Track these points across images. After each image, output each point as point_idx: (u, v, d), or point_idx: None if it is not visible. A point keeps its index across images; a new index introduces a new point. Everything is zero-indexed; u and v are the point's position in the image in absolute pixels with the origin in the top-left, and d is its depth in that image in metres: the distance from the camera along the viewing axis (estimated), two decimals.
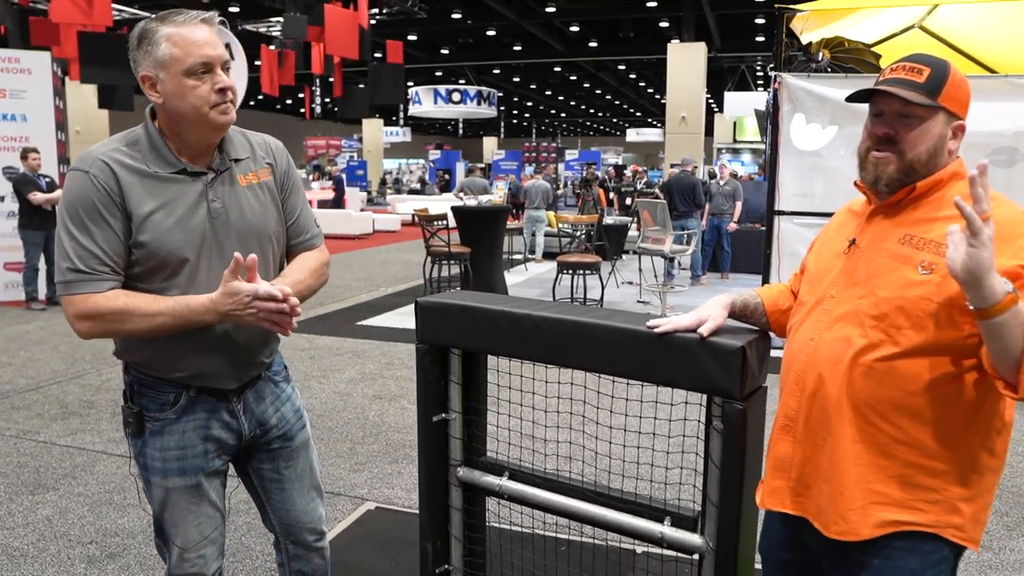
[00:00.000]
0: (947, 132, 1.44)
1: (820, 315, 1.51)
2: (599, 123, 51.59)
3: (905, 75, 1.43)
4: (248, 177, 1.82)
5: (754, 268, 11.11)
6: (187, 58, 1.63)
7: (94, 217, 1.64)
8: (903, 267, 1.41)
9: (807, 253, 1.76)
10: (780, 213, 6.30)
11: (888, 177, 1.45)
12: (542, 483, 2.19)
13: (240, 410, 1.88)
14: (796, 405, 1.52)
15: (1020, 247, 1.34)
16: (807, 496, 1.51)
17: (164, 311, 1.65)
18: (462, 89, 22.81)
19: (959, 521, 1.42)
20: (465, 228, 7.58)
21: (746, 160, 26.01)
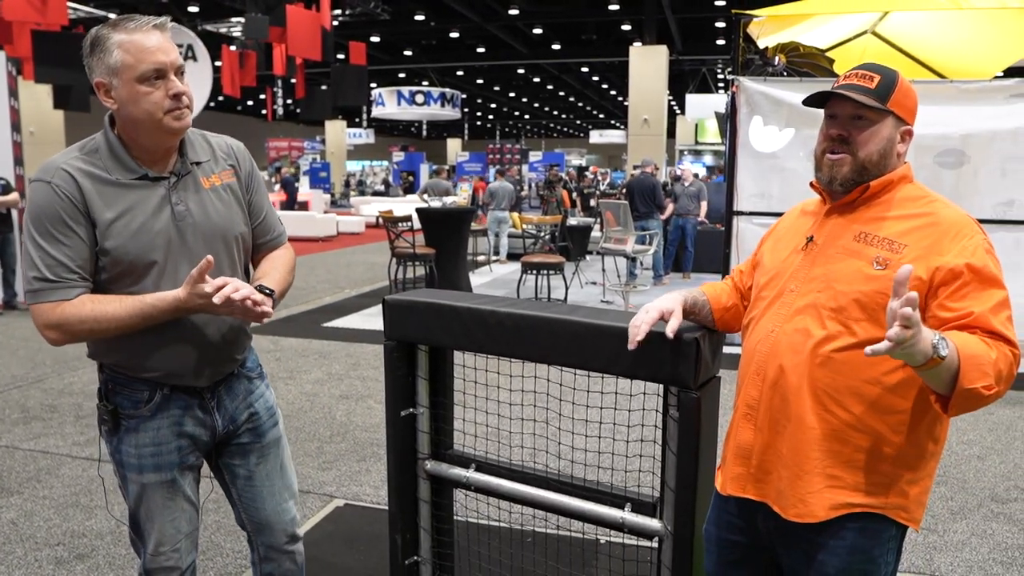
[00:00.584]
0: (896, 136, 1.55)
1: (780, 308, 1.60)
2: (562, 125, 51.87)
3: (857, 81, 1.54)
4: (211, 179, 1.84)
5: (715, 268, 11.30)
6: (139, 65, 1.64)
7: (59, 227, 1.65)
8: (859, 262, 1.50)
9: (757, 251, 1.85)
10: (739, 213, 6.45)
11: (843, 177, 1.55)
12: (507, 474, 2.26)
13: (214, 406, 1.91)
14: (757, 394, 1.60)
15: (965, 246, 1.44)
16: (767, 481, 1.60)
17: (132, 312, 1.67)
18: (425, 91, 22.82)
19: (904, 503, 1.52)
20: (430, 230, 7.63)
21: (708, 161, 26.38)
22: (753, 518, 1.67)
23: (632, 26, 21.15)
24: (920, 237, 1.47)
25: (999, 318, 1.40)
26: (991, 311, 1.40)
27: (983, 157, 5.94)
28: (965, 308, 1.41)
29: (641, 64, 19.07)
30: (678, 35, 20.86)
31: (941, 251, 1.44)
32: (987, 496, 3.61)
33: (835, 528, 1.52)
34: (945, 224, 1.48)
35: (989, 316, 1.39)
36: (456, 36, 22.43)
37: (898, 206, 1.54)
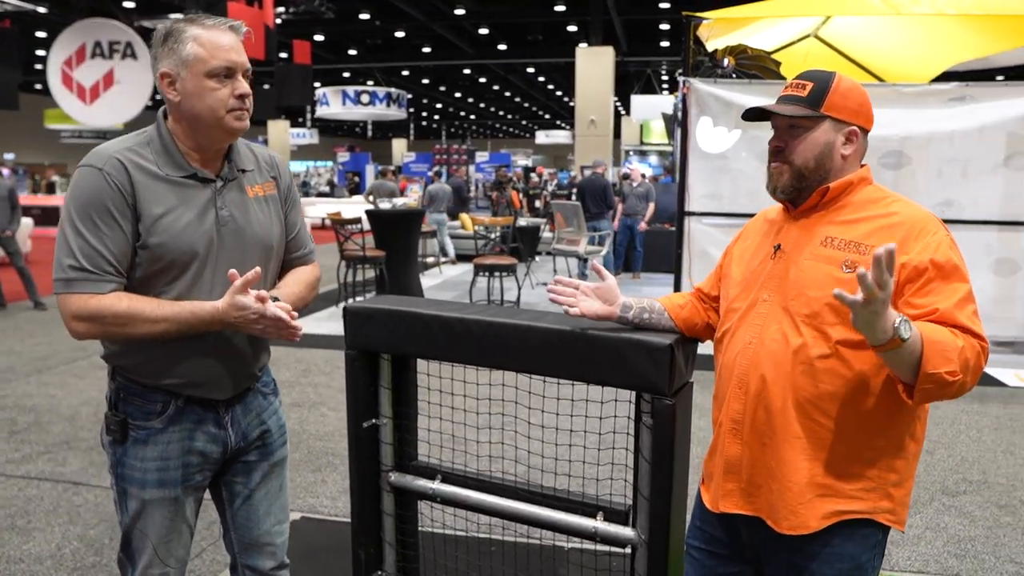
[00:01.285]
0: (836, 138, 1.55)
1: (755, 318, 1.58)
2: (509, 125, 51.92)
3: (791, 91, 1.58)
4: (255, 189, 1.83)
5: (665, 267, 11.43)
6: (212, 60, 1.64)
7: (104, 216, 1.61)
8: (828, 267, 1.50)
9: (721, 262, 1.83)
10: (690, 214, 6.50)
11: (783, 185, 1.57)
12: (475, 485, 2.21)
13: (228, 422, 1.85)
14: (741, 407, 1.58)
15: (928, 243, 1.45)
16: (758, 495, 1.58)
17: (168, 317, 1.64)
18: (371, 90, 22.54)
19: (890, 505, 1.52)
20: (380, 232, 7.51)
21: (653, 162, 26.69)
22: (737, 531, 1.65)
23: (578, 27, 21.26)
24: (885, 237, 1.47)
25: (965, 312, 1.41)
26: (956, 306, 1.40)
27: (921, 158, 6.11)
28: (930, 304, 1.41)
29: (587, 65, 19.18)
30: (623, 36, 21.05)
31: (906, 249, 1.45)
32: (938, 490, 3.70)
33: (824, 536, 1.51)
34: (908, 223, 1.49)
35: (954, 311, 1.40)
36: (402, 35, 22.23)
37: (860, 208, 1.55)
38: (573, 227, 7.82)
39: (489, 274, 7.24)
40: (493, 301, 7.67)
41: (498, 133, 54.72)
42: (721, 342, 1.69)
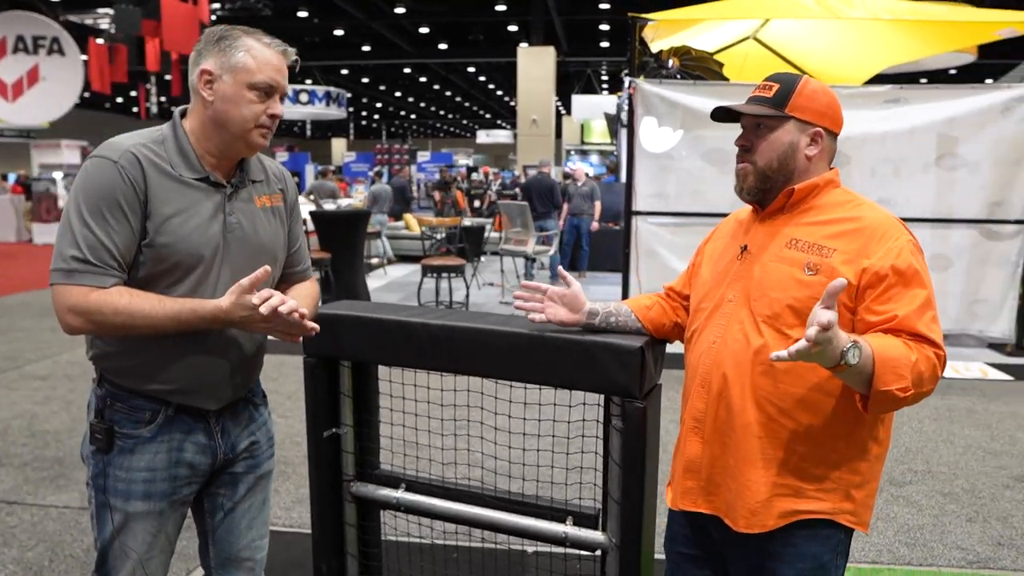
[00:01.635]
0: (800, 139, 1.55)
1: (720, 318, 1.59)
2: (449, 125, 51.74)
3: (758, 92, 1.59)
4: (263, 199, 1.80)
5: (610, 266, 11.54)
6: (258, 73, 1.65)
7: (114, 210, 1.57)
8: (791, 269, 1.50)
9: (693, 262, 1.84)
10: (637, 213, 6.56)
11: (748, 186, 1.58)
12: (441, 493, 2.17)
13: (218, 432, 1.79)
14: (703, 406, 1.58)
15: (890, 248, 1.46)
16: (717, 494, 1.58)
17: (170, 315, 1.60)
18: (310, 89, 22.15)
19: (851, 507, 1.53)
20: (325, 233, 7.38)
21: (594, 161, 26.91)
22: (706, 529, 1.65)
23: (519, 27, 21.31)
24: (848, 240, 1.49)
25: (923, 320, 1.42)
26: (915, 313, 1.42)
27: (857, 158, 6.29)
28: (890, 311, 1.42)
29: (529, 65, 19.24)
30: (564, 37, 21.17)
31: (868, 253, 1.46)
32: (886, 481, 3.80)
33: (785, 536, 1.52)
34: (871, 227, 1.50)
35: (913, 319, 1.41)
36: (341, 34, 21.94)
37: (825, 211, 1.55)
38: (519, 227, 7.81)
39: (437, 275, 7.18)
40: (442, 302, 7.61)
41: (439, 133, 54.48)
42: (690, 341, 1.69)
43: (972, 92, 6.12)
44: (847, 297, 1.45)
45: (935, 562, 3.01)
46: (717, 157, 6.34)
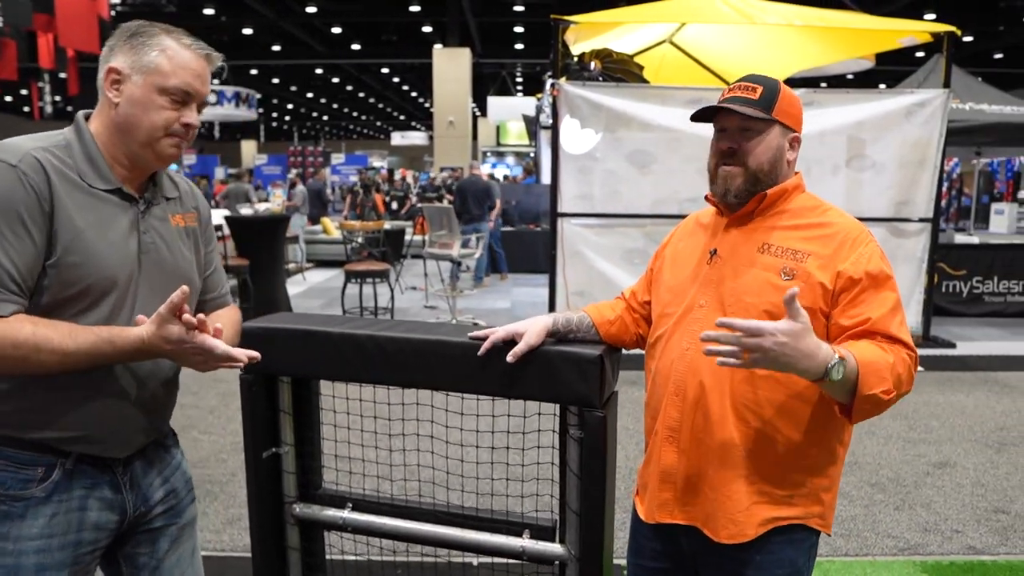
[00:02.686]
0: (784, 143, 1.56)
1: (691, 324, 1.56)
2: (363, 126, 50.97)
3: (741, 93, 1.55)
4: (176, 218, 1.60)
5: (532, 267, 11.60)
6: (171, 77, 1.47)
7: (13, 224, 1.34)
8: (766, 273, 1.50)
9: (651, 266, 1.81)
10: (562, 215, 6.57)
11: (737, 188, 1.55)
12: (391, 511, 2.08)
13: (127, 483, 1.55)
14: (678, 415, 1.55)
15: (862, 254, 1.48)
16: (694, 504, 1.56)
17: (85, 348, 1.36)
18: (218, 89, 21.36)
19: (822, 510, 1.54)
20: (242, 239, 7.11)
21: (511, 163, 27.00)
22: (676, 541, 1.62)
23: (434, 28, 21.15)
24: (821, 245, 1.50)
25: (894, 323, 1.45)
26: (887, 316, 1.44)
27: None
28: (863, 314, 1.45)
29: (445, 66, 19.13)
30: (479, 38, 21.14)
31: (841, 258, 1.48)
32: None
33: (761, 543, 1.51)
34: (843, 233, 1.52)
35: (886, 321, 1.44)
36: (250, 33, 21.28)
37: (795, 215, 1.56)
38: (444, 231, 7.72)
39: (361, 281, 7.01)
40: (366, 308, 7.45)
41: (352, 135, 53.61)
42: (655, 347, 1.66)
43: (879, 96, 6.39)
44: (823, 302, 1.46)
45: (870, 551, 3.11)
46: (639, 159, 6.41)
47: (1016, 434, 4.59)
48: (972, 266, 8.17)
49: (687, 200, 6.51)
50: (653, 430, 1.63)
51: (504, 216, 12.62)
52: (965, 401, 5.25)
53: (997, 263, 8.12)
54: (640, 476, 1.71)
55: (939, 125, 6.27)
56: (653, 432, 1.63)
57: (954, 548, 3.15)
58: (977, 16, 16.98)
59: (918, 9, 15.93)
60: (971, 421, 4.81)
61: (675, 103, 6.14)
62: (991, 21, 17.83)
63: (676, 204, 6.47)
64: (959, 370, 6.07)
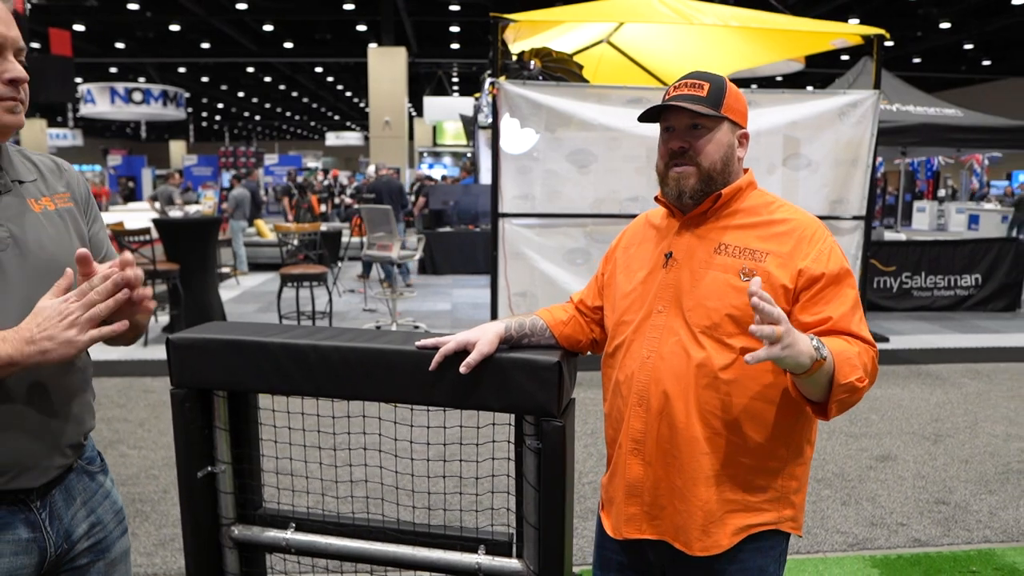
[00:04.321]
0: (734, 140, 1.52)
1: (651, 331, 1.50)
2: (296, 126, 50.01)
3: (688, 91, 1.50)
4: (41, 202, 1.36)
5: (472, 268, 11.51)
6: None
7: None
8: (725, 275, 1.45)
9: (602, 271, 1.74)
10: (504, 215, 6.50)
11: (691, 189, 1.49)
12: (337, 529, 1.97)
13: (45, 519, 1.35)
14: (642, 426, 1.49)
15: (821, 251, 1.45)
16: (662, 517, 1.50)
17: None
18: (144, 88, 20.65)
19: (792, 513, 1.50)
20: (172, 243, 6.81)
21: (448, 163, 26.86)
22: (643, 554, 1.56)
23: (368, 27, 20.85)
24: (779, 243, 1.47)
25: (855, 320, 1.43)
26: (848, 314, 1.42)
27: None
28: (824, 313, 1.42)
29: (380, 65, 18.88)
30: (414, 38, 20.93)
31: (800, 255, 1.45)
32: None
33: (732, 553, 1.46)
34: (800, 229, 1.48)
35: (847, 319, 1.42)
36: (177, 30, 20.59)
37: (749, 213, 1.52)
38: (382, 232, 7.56)
39: (298, 284, 6.81)
40: (303, 313, 7.24)
41: (285, 135, 52.57)
42: (614, 357, 1.59)
43: (813, 97, 6.51)
44: (784, 301, 1.42)
45: (820, 548, 3.12)
46: (580, 158, 6.38)
47: (950, 425, 4.71)
48: (901, 262, 8.43)
49: (628, 200, 6.51)
50: (616, 442, 1.57)
51: (442, 217, 12.51)
52: (901, 394, 5.38)
53: (924, 259, 8.39)
54: (604, 489, 1.64)
55: (871, 125, 6.41)
56: (616, 444, 1.57)
57: (900, 541, 3.19)
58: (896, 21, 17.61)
59: (843, 14, 16.43)
60: (908, 414, 4.92)
61: (615, 102, 6.13)
62: (910, 26, 18.53)
63: (617, 204, 6.48)
64: (893, 364, 6.23)
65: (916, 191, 17.84)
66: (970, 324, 7.73)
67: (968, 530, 3.31)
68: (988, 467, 4.04)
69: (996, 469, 4.02)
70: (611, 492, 1.59)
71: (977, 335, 7.18)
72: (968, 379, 5.85)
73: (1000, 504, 3.58)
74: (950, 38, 19.75)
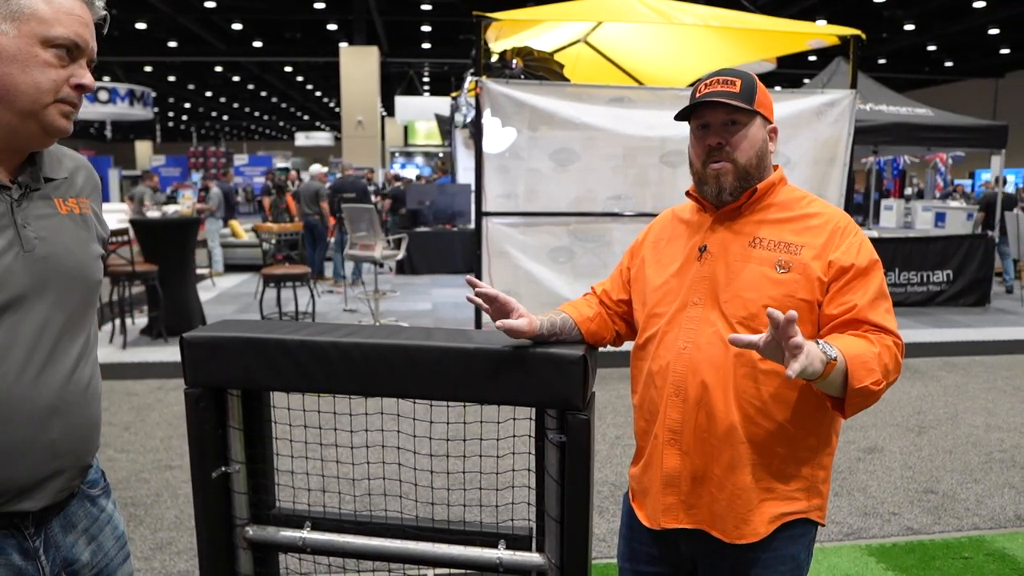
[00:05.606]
0: (766, 136, 1.54)
1: (686, 323, 1.51)
2: (266, 126, 49.48)
3: (722, 87, 1.51)
4: (68, 204, 1.30)
5: (451, 268, 11.49)
6: (56, 25, 1.17)
7: None
8: (761, 267, 1.47)
9: (628, 264, 1.75)
10: (487, 214, 6.50)
11: (730, 186, 1.51)
12: (354, 528, 1.96)
13: (41, 547, 1.26)
14: (680, 416, 1.50)
15: (851, 243, 1.47)
16: (700, 506, 1.51)
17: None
18: (110, 87, 20.28)
19: (820, 502, 1.53)
20: (150, 243, 6.71)
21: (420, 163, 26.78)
22: (675, 545, 1.58)
23: (339, 26, 20.70)
24: (812, 236, 1.49)
25: (880, 310, 1.44)
26: (873, 302, 1.44)
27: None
28: (850, 302, 1.44)
29: (352, 65, 18.76)
30: (385, 37, 20.82)
31: (833, 247, 1.47)
32: None
33: (766, 541, 1.48)
34: (832, 222, 1.51)
35: (871, 309, 1.43)
36: (144, 28, 20.26)
37: (783, 208, 1.54)
38: (364, 231, 7.52)
39: (278, 285, 6.74)
40: (286, 314, 7.17)
41: (254, 135, 51.98)
42: (646, 348, 1.60)
43: (792, 96, 6.60)
44: (819, 293, 1.44)
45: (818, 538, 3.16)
46: (562, 157, 6.41)
47: (932, 417, 4.81)
48: None
49: (610, 198, 6.56)
50: (650, 433, 1.58)
51: (418, 217, 12.47)
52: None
53: (898, 256, 8.55)
54: (637, 480, 1.65)
55: (847, 124, 6.52)
56: (650, 435, 1.58)
57: (894, 530, 3.25)
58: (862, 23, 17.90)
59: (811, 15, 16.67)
60: (891, 407, 5.02)
61: (597, 101, 6.16)
62: (876, 28, 18.86)
63: (600, 202, 6.52)
64: None
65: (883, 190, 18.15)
66: (943, 319, 7.90)
67: (958, 518, 3.39)
68: (972, 457, 4.14)
69: (979, 459, 4.11)
70: (645, 483, 1.60)
71: (951, 329, 7.34)
72: (945, 372, 5.98)
73: (986, 492, 3.67)
74: (914, 40, 20.15)
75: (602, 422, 4.70)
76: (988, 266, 8.71)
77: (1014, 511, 3.45)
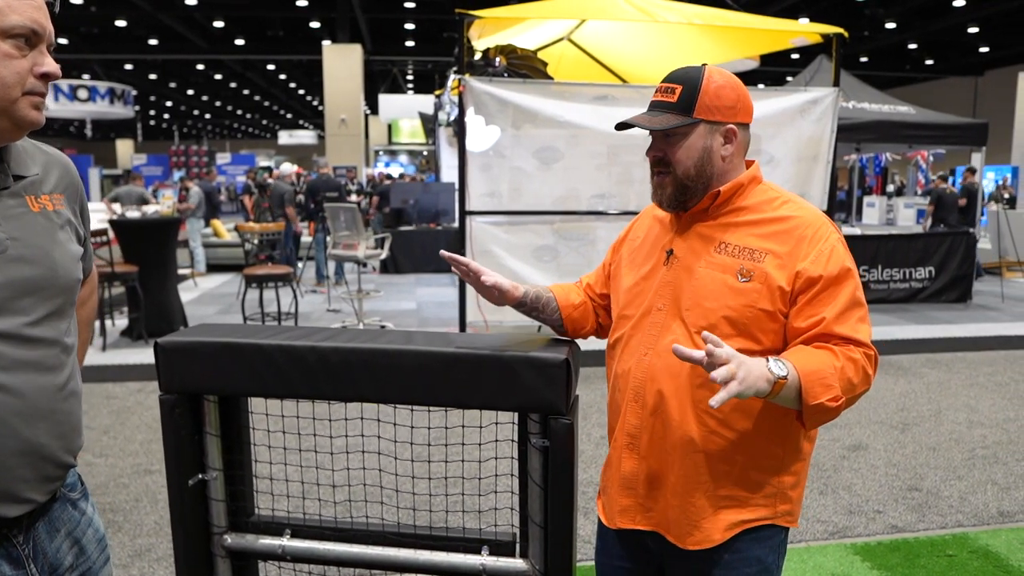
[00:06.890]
0: (713, 141, 1.47)
1: (650, 328, 1.50)
2: (248, 125, 49.14)
3: (660, 97, 1.49)
4: (41, 201, 1.26)
5: (434, 267, 11.44)
6: (10, 14, 1.14)
7: None
8: (723, 275, 1.44)
9: (610, 260, 1.74)
10: (470, 213, 6.47)
11: (668, 198, 1.50)
12: (334, 535, 1.93)
13: (28, 553, 1.26)
14: (638, 422, 1.50)
15: (821, 251, 1.42)
16: (656, 510, 1.52)
17: None
18: (90, 85, 20.06)
19: (788, 507, 1.51)
20: (130, 244, 6.62)
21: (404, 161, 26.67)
22: (642, 541, 1.59)
23: (322, 24, 20.57)
24: (779, 242, 1.44)
25: (850, 321, 1.39)
26: (843, 314, 1.39)
27: None
28: (818, 315, 1.40)
29: (335, 63, 18.65)
30: (368, 35, 20.71)
31: (800, 255, 1.42)
32: None
33: (729, 543, 1.48)
34: (801, 227, 1.45)
35: (840, 321, 1.39)
36: (123, 25, 20.04)
37: (752, 211, 1.49)
38: (347, 231, 7.46)
39: (262, 285, 6.68)
40: (268, 314, 7.11)
41: (236, 134, 51.62)
42: (615, 348, 1.60)
43: (775, 94, 6.61)
44: (781, 303, 1.41)
45: (803, 538, 3.17)
46: (546, 155, 6.39)
47: (915, 414, 4.83)
48: (858, 256, 8.61)
49: (594, 196, 6.54)
50: (612, 434, 1.59)
51: (401, 216, 12.41)
52: None
53: (880, 253, 8.59)
54: (602, 477, 1.65)
55: (831, 122, 6.54)
56: (612, 436, 1.58)
57: (878, 528, 3.25)
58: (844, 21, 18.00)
59: (793, 13, 16.74)
60: (875, 404, 5.03)
61: (581, 99, 6.14)
62: (857, 26, 18.96)
63: (584, 201, 6.50)
64: None
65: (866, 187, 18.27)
66: (925, 315, 7.94)
67: (941, 515, 3.39)
68: (955, 454, 4.16)
69: (962, 455, 4.13)
70: (605, 482, 1.62)
71: (933, 326, 7.38)
72: (928, 369, 6.01)
73: (969, 489, 3.68)
74: (896, 38, 20.28)
75: (587, 422, 4.68)
76: (970, 262, 8.77)
77: (997, 507, 3.47)
